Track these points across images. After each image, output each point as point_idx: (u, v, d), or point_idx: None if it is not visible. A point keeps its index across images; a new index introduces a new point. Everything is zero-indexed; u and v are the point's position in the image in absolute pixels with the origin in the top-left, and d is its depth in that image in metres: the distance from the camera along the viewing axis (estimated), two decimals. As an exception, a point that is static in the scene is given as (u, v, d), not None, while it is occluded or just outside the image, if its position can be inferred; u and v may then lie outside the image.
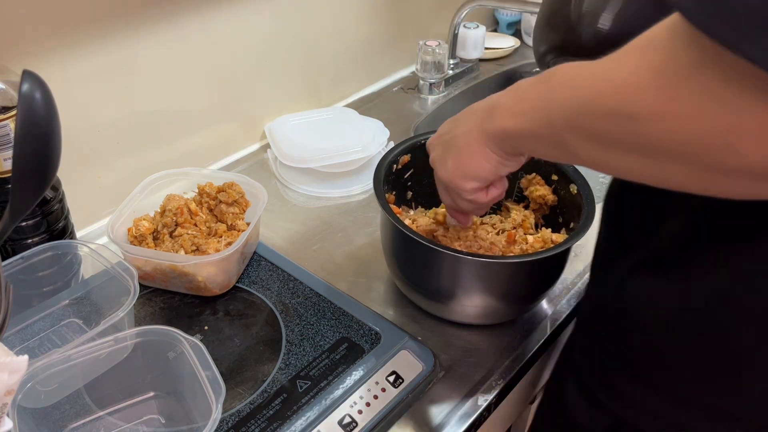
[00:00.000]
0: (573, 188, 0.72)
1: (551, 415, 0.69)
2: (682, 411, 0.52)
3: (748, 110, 0.32)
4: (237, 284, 0.78)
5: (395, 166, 0.77)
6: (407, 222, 0.75)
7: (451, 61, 1.24)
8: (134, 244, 0.76)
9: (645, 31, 0.37)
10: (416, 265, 0.70)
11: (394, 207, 0.77)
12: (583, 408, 0.60)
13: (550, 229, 0.75)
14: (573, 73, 0.42)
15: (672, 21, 0.35)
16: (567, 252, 0.69)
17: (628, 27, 0.55)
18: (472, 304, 0.69)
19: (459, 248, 0.70)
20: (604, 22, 0.56)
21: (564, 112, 0.43)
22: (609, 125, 0.39)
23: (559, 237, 0.73)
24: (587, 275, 0.69)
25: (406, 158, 0.78)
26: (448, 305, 0.70)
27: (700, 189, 0.38)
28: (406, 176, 0.80)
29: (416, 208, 0.83)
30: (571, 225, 0.72)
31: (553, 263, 0.70)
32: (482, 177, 0.56)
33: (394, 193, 0.78)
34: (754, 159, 0.33)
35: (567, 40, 0.58)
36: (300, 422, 0.62)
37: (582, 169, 0.71)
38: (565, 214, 0.75)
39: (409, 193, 0.82)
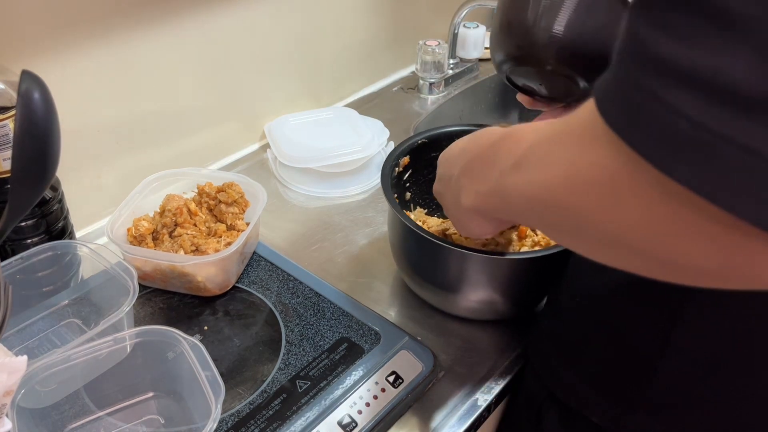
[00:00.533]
0: None
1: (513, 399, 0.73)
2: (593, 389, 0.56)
3: (680, 218, 0.30)
4: (236, 284, 0.78)
5: (396, 169, 0.77)
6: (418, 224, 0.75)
7: (451, 61, 1.24)
8: (134, 245, 0.76)
9: (571, 115, 0.35)
10: (429, 263, 0.70)
11: None
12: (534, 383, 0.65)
13: None
14: (519, 154, 0.41)
15: (592, 113, 0.32)
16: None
17: (582, 32, 0.56)
18: (477, 298, 0.69)
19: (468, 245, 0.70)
20: (559, 27, 0.56)
21: (520, 201, 0.42)
22: (554, 217, 0.38)
23: None
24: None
25: (405, 160, 0.78)
26: (456, 300, 0.70)
27: (674, 279, 0.34)
28: (405, 177, 0.80)
29: (414, 209, 0.83)
30: None
31: (559, 259, 0.70)
32: (488, 234, 0.57)
33: (395, 195, 0.78)
34: (697, 261, 0.31)
35: (522, 46, 0.58)
36: (300, 422, 0.61)
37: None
38: None
39: (408, 194, 0.81)
